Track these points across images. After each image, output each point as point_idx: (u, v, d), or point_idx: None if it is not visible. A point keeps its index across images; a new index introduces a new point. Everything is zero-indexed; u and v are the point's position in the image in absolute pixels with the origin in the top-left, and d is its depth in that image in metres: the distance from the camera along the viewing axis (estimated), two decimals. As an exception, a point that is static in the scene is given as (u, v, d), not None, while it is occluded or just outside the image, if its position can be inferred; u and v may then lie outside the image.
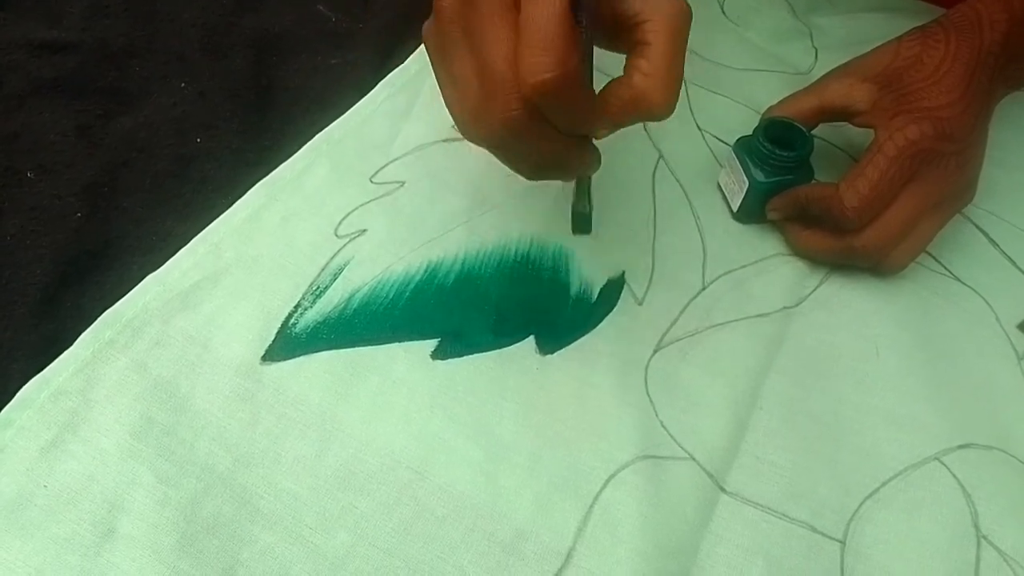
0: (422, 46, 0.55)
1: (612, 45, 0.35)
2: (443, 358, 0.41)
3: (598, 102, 0.34)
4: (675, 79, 0.32)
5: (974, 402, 0.42)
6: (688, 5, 0.33)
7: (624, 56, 0.34)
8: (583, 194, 0.42)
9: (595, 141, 0.37)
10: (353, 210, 0.47)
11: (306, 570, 0.35)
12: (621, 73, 0.34)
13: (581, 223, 0.43)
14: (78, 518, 0.35)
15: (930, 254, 0.48)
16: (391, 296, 0.43)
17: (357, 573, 0.35)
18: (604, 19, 0.34)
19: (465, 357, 0.41)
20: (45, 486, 0.35)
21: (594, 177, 0.39)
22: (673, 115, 0.46)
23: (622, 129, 0.35)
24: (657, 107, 0.33)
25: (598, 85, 0.34)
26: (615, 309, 0.44)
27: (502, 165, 0.36)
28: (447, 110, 0.35)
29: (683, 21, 0.32)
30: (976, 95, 0.44)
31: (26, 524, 0.34)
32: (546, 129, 0.32)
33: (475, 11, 0.32)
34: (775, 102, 0.50)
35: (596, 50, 0.35)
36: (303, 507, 0.36)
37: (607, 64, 0.36)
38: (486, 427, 0.39)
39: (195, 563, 0.34)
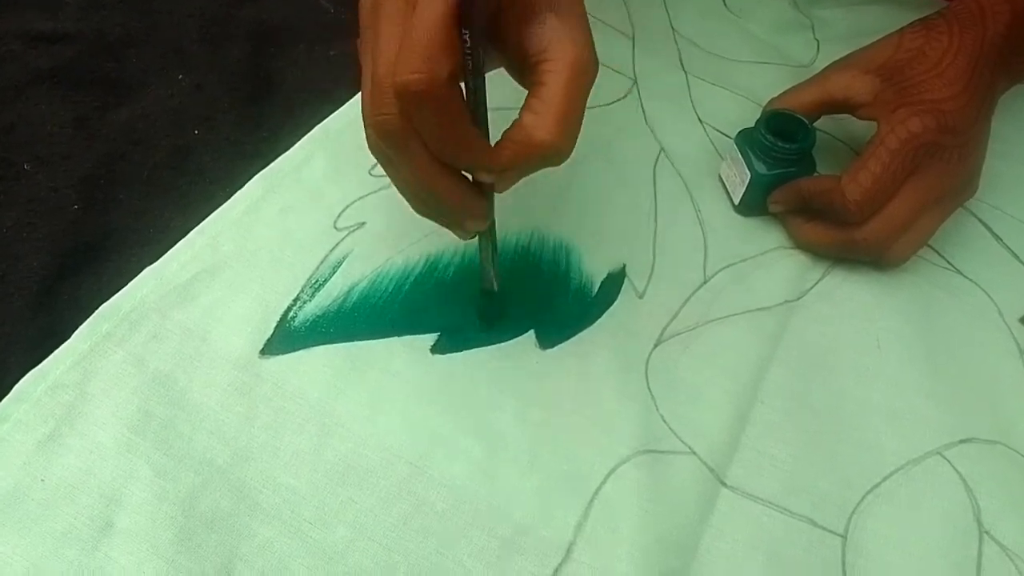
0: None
1: (519, 80, 0.33)
2: (442, 352, 0.41)
3: (487, 146, 0.32)
4: (568, 121, 0.31)
5: (976, 396, 0.42)
6: (594, 56, 0.31)
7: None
8: (484, 264, 0.39)
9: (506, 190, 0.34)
10: (352, 203, 0.46)
11: (305, 564, 0.35)
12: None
13: (487, 307, 0.41)
14: (75, 512, 0.34)
15: (932, 247, 0.48)
16: (390, 290, 0.43)
17: (356, 567, 0.35)
18: (509, 49, 0.32)
19: (464, 351, 0.41)
20: (42, 480, 0.35)
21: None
22: (674, 108, 0.46)
23: (622, 128, 0.34)
24: (545, 145, 0.31)
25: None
26: (615, 303, 0.44)
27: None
28: None
29: (584, 68, 0.31)
30: (979, 87, 0.44)
31: (23, 518, 0.34)
32: (417, 145, 0.31)
33: (378, 11, 0.31)
34: (776, 94, 0.50)
35: None
36: (302, 501, 0.36)
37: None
38: (486, 421, 0.39)
39: (193, 557, 0.34)
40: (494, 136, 0.33)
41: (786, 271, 0.46)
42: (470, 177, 0.34)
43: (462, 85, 0.31)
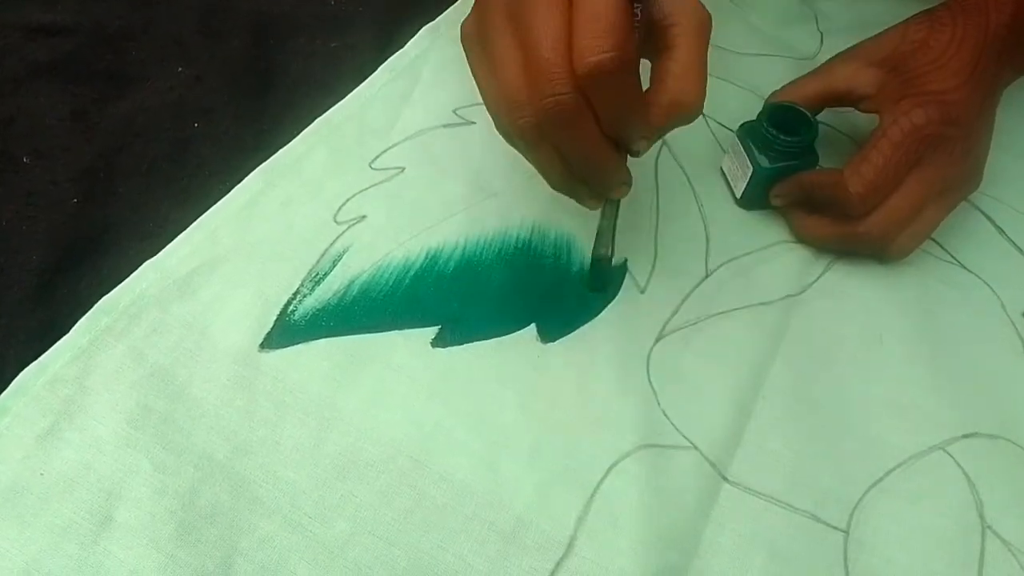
0: (423, 30, 0.55)
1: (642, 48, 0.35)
2: (443, 346, 0.41)
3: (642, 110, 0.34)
4: (704, 79, 0.33)
5: (979, 391, 0.42)
6: (708, 13, 0.34)
7: None
8: (606, 233, 0.41)
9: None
10: (352, 196, 0.46)
11: (305, 559, 0.34)
12: None
13: (598, 273, 0.43)
14: (75, 507, 0.34)
15: (935, 241, 0.47)
16: (391, 283, 0.43)
17: (356, 562, 0.35)
18: None
19: (465, 345, 0.41)
20: (42, 474, 0.35)
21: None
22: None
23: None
24: (692, 107, 0.33)
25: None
26: (617, 297, 0.44)
27: (505, 153, 0.36)
28: (484, 104, 0.35)
29: (708, 24, 0.34)
30: (983, 79, 0.43)
31: (23, 512, 0.34)
32: (589, 121, 0.32)
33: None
34: (779, 87, 0.50)
35: None
36: (302, 495, 0.36)
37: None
38: (486, 415, 0.39)
39: (193, 552, 0.34)
40: None
41: (788, 265, 0.46)
42: None
43: None
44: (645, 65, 0.35)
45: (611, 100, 0.32)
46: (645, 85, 0.35)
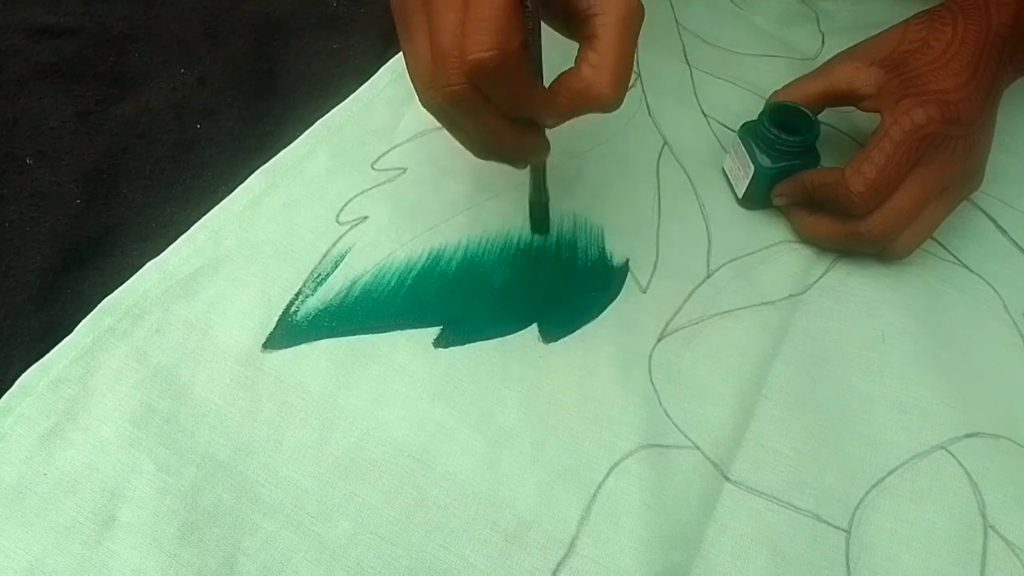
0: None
1: (568, 34, 0.35)
2: (445, 346, 0.41)
3: (549, 92, 0.34)
4: (623, 72, 0.33)
5: (981, 390, 0.42)
6: (640, 2, 0.33)
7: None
8: (537, 187, 0.43)
9: (559, 131, 0.37)
10: (355, 197, 0.46)
11: (307, 558, 0.35)
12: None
13: (537, 219, 0.45)
14: (78, 506, 0.35)
15: (937, 241, 0.47)
16: (393, 284, 0.43)
17: (359, 562, 0.35)
18: (557, 8, 0.34)
19: (467, 345, 0.41)
20: (45, 474, 0.35)
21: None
22: (678, 101, 0.46)
23: (625, 122, 0.35)
24: (604, 98, 0.33)
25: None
26: (619, 297, 0.44)
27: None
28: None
29: (633, 17, 0.33)
30: (984, 78, 0.43)
31: (26, 512, 0.34)
32: (487, 108, 0.33)
33: None
34: (780, 87, 0.50)
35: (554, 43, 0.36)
36: (304, 495, 0.36)
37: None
38: (489, 415, 0.39)
39: (196, 552, 0.34)
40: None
41: (790, 265, 0.46)
42: None
43: None
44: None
45: (499, 92, 0.32)
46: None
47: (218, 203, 0.45)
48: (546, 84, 0.35)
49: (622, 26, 0.33)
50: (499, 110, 0.33)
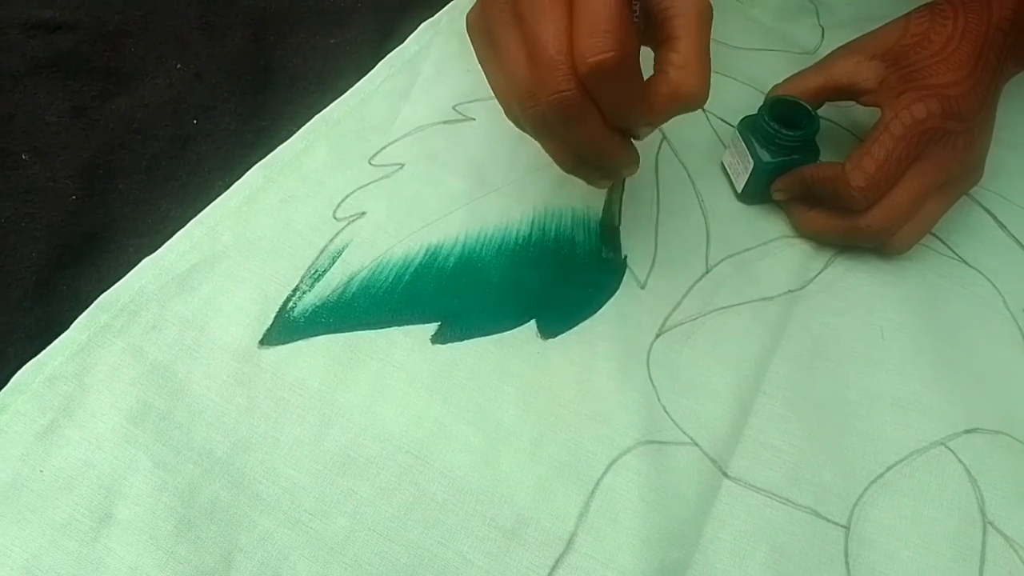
0: (423, 25, 0.55)
1: (641, 39, 0.35)
2: (443, 342, 0.41)
3: (649, 102, 0.34)
4: (707, 69, 0.34)
5: (980, 386, 0.41)
6: (709, 1, 0.34)
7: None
8: (613, 204, 0.44)
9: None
10: (352, 192, 0.46)
11: (305, 555, 0.34)
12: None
13: (610, 238, 0.45)
14: (75, 504, 0.34)
15: (937, 236, 0.47)
16: (391, 279, 0.43)
17: (356, 558, 0.35)
18: None
19: (465, 341, 0.41)
20: (41, 471, 0.35)
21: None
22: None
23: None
24: (695, 98, 0.34)
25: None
26: (617, 293, 0.44)
27: (505, 148, 0.36)
28: (494, 94, 0.36)
29: (709, 13, 0.34)
30: (985, 73, 0.43)
31: (22, 509, 0.34)
32: (593, 114, 0.33)
33: None
34: (780, 81, 0.49)
35: None
36: (302, 492, 0.36)
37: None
38: (487, 412, 0.39)
39: (193, 548, 0.34)
40: None
41: (789, 261, 0.46)
42: None
43: None
44: (648, 53, 0.35)
45: (613, 96, 0.32)
46: (648, 73, 0.35)
47: (215, 199, 0.45)
48: None
49: (700, 23, 0.34)
50: (606, 117, 0.33)
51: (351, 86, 0.51)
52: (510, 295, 0.43)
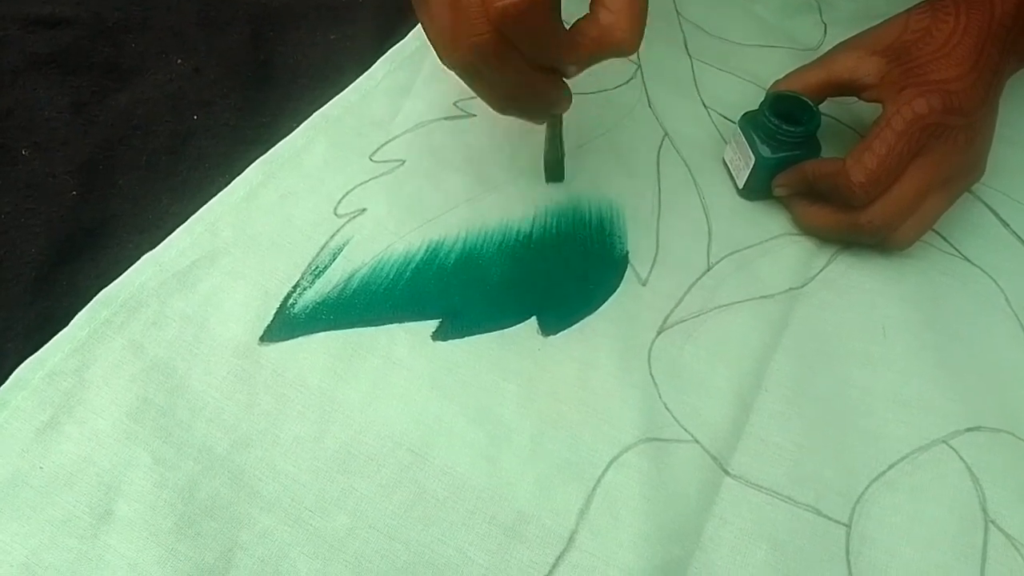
0: (422, 22, 0.55)
1: None
2: (444, 339, 0.41)
3: (567, 40, 0.35)
4: (639, 15, 0.34)
5: (983, 384, 0.41)
6: None
7: None
8: (555, 140, 0.45)
9: (572, 86, 0.38)
10: (353, 189, 0.46)
11: (305, 552, 0.34)
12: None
13: (553, 170, 0.46)
14: (75, 500, 0.34)
15: (939, 234, 0.47)
16: (391, 276, 0.43)
17: (357, 556, 0.34)
18: None
19: (466, 338, 0.41)
20: (41, 468, 0.35)
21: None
22: (679, 92, 0.46)
23: (626, 113, 0.35)
24: (623, 43, 0.34)
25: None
26: (618, 290, 0.44)
27: (507, 145, 0.36)
28: (426, 37, 0.37)
29: None
30: (986, 69, 0.43)
31: (22, 506, 0.34)
32: (513, 56, 0.34)
33: None
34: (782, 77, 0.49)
35: None
36: (302, 489, 0.36)
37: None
38: (487, 409, 0.39)
39: (193, 545, 0.34)
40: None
41: (791, 258, 0.46)
42: None
43: None
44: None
45: (526, 39, 0.33)
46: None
47: (215, 195, 0.44)
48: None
49: None
50: (525, 58, 0.34)
51: (352, 82, 0.51)
52: (511, 292, 0.43)
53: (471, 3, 0.32)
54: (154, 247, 0.42)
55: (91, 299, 0.40)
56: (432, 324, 0.41)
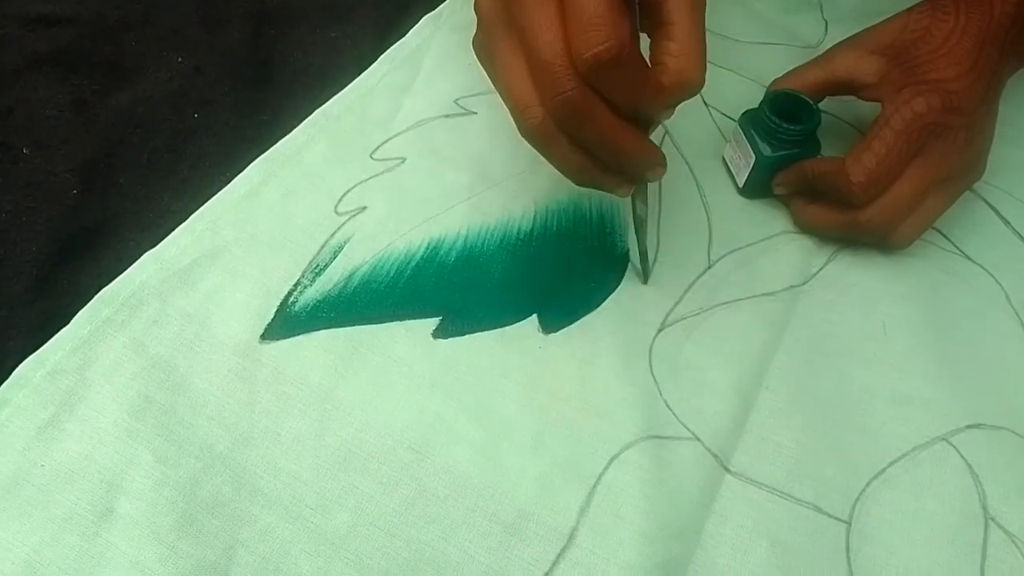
0: (424, 19, 0.55)
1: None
2: (444, 337, 0.41)
3: (655, 84, 0.34)
4: (703, 55, 0.34)
5: (983, 382, 0.41)
6: None
7: None
8: (643, 228, 0.42)
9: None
10: (353, 187, 0.46)
11: (306, 550, 0.34)
12: None
13: (646, 266, 0.44)
14: (76, 498, 0.34)
15: (940, 232, 0.47)
16: (392, 274, 0.43)
17: (357, 553, 0.35)
18: None
19: (467, 336, 0.41)
20: (42, 466, 0.35)
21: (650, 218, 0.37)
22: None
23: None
24: (695, 85, 0.34)
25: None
26: (619, 288, 0.44)
27: (507, 143, 0.35)
28: (509, 114, 0.35)
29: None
30: (986, 68, 0.43)
31: (23, 504, 0.34)
32: (601, 109, 0.33)
33: (516, 4, 0.32)
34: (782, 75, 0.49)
35: None
36: (303, 487, 0.36)
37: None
38: (488, 407, 0.39)
39: (194, 543, 0.34)
40: None
41: (791, 256, 0.46)
42: None
43: None
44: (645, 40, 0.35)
45: (618, 86, 0.32)
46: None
47: (216, 193, 0.45)
48: None
49: (693, 10, 0.33)
50: (616, 109, 0.33)
51: (352, 80, 0.51)
52: (512, 290, 0.43)
53: (553, 59, 0.31)
54: (155, 245, 0.42)
55: (92, 297, 0.40)
56: (433, 322, 0.41)
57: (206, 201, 0.44)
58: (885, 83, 0.44)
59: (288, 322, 0.40)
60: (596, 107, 0.32)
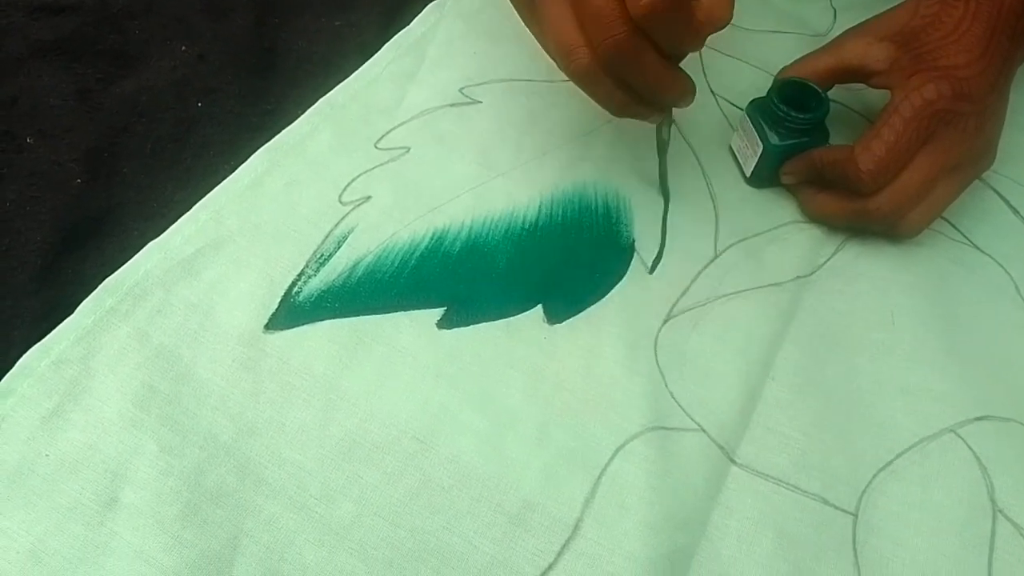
0: (428, 7, 0.55)
1: None
2: (449, 327, 0.41)
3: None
4: None
5: (992, 373, 0.41)
6: None
7: None
8: (666, 135, 0.44)
9: None
10: (358, 176, 0.46)
11: (310, 540, 0.34)
12: None
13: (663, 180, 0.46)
14: (80, 487, 0.34)
15: (948, 221, 0.47)
16: (396, 264, 0.43)
17: (362, 543, 0.34)
18: None
19: (472, 326, 0.41)
20: (47, 455, 0.35)
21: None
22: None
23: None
24: (724, 21, 0.35)
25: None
26: (625, 278, 0.43)
27: (512, 132, 0.35)
28: (544, 51, 0.38)
29: None
30: (996, 55, 0.43)
31: (28, 493, 0.34)
32: (648, 51, 0.35)
33: None
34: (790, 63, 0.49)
35: None
36: (307, 477, 0.36)
37: None
38: (493, 397, 0.39)
39: (199, 533, 0.34)
40: None
41: (799, 246, 0.46)
42: None
43: None
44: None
45: (668, 30, 0.34)
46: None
47: (220, 183, 0.44)
48: None
49: None
50: (661, 50, 0.35)
51: (356, 69, 0.51)
52: (517, 280, 0.43)
53: (604, 6, 0.33)
54: (159, 235, 0.42)
55: (96, 287, 0.40)
56: (437, 312, 0.41)
57: (210, 190, 0.44)
58: (895, 70, 0.43)
59: (292, 312, 0.40)
60: (643, 48, 0.35)
